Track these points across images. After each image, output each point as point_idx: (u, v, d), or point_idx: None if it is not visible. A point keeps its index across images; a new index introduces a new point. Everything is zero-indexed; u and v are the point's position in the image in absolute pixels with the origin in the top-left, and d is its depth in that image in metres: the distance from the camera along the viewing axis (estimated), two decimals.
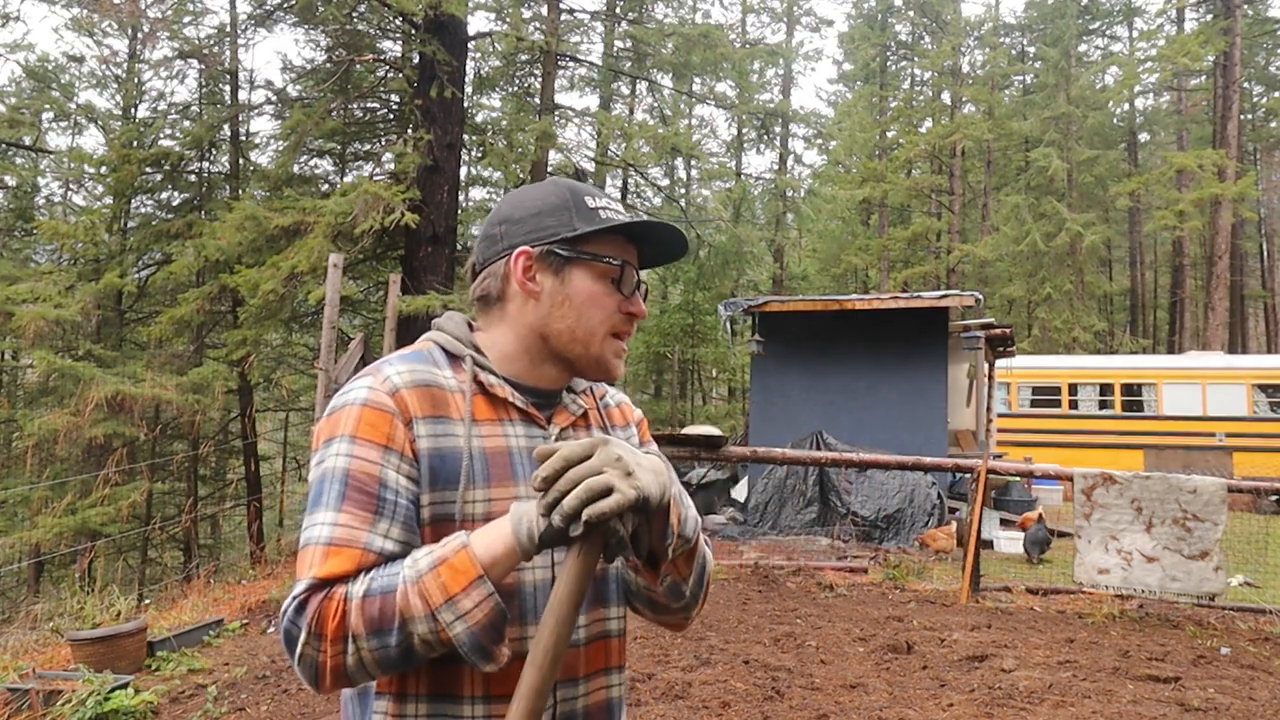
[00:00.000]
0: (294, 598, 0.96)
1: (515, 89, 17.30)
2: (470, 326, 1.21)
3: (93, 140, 35.37)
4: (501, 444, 1.10)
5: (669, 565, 1.08)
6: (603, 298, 1.13)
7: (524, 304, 1.14)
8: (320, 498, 1.01)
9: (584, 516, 0.90)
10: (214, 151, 15.32)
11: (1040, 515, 9.64)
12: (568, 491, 0.91)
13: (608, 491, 0.91)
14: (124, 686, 4.06)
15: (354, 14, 13.25)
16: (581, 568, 0.93)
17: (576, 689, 1.11)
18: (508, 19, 14.13)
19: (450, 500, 1.05)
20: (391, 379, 1.07)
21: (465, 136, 13.68)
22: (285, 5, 13.37)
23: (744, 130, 26.95)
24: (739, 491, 11.76)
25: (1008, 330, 12.44)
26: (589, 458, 0.93)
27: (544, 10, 15.31)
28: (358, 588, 0.95)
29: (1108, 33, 29.05)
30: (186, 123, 14.79)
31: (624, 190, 23.30)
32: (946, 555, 8.74)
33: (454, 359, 1.15)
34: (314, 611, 0.94)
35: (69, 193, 18.22)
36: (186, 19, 14.43)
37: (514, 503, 1.02)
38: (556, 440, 1.14)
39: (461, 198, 17.30)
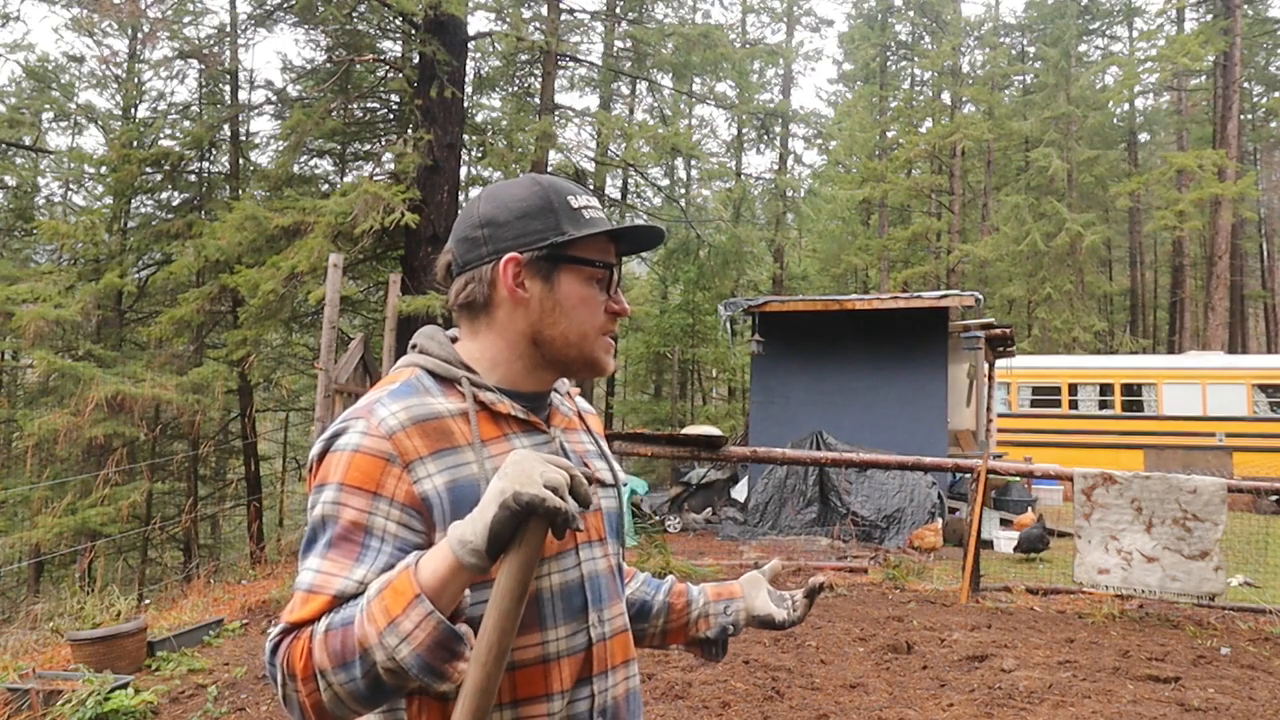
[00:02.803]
0: (270, 641, 0.98)
1: (515, 89, 17.30)
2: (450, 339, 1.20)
3: (93, 140, 35.42)
4: None
5: None
6: (592, 300, 1.14)
7: (513, 310, 1.13)
8: (311, 545, 1.02)
9: (525, 499, 0.88)
10: (214, 151, 15.32)
11: (1040, 516, 9.65)
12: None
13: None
14: (124, 686, 4.05)
15: (354, 14, 13.26)
16: (522, 559, 0.91)
17: (608, 681, 1.14)
18: (508, 19, 14.12)
19: None
20: (386, 421, 1.04)
21: (465, 136, 13.68)
22: (285, 5, 13.37)
23: (744, 130, 26.93)
24: (739, 491, 11.76)
25: (1008, 330, 12.44)
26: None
27: (544, 10, 15.31)
28: (321, 624, 0.96)
29: (1108, 33, 29.05)
30: (186, 123, 14.79)
31: (624, 190, 23.30)
32: (934, 552, 8.77)
33: (444, 382, 1.12)
34: (284, 654, 0.96)
35: (69, 193, 18.22)
36: (186, 19, 14.45)
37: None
38: (549, 442, 1.16)
39: (461, 198, 17.24)
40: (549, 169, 15.36)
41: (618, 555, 1.23)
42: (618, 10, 17.95)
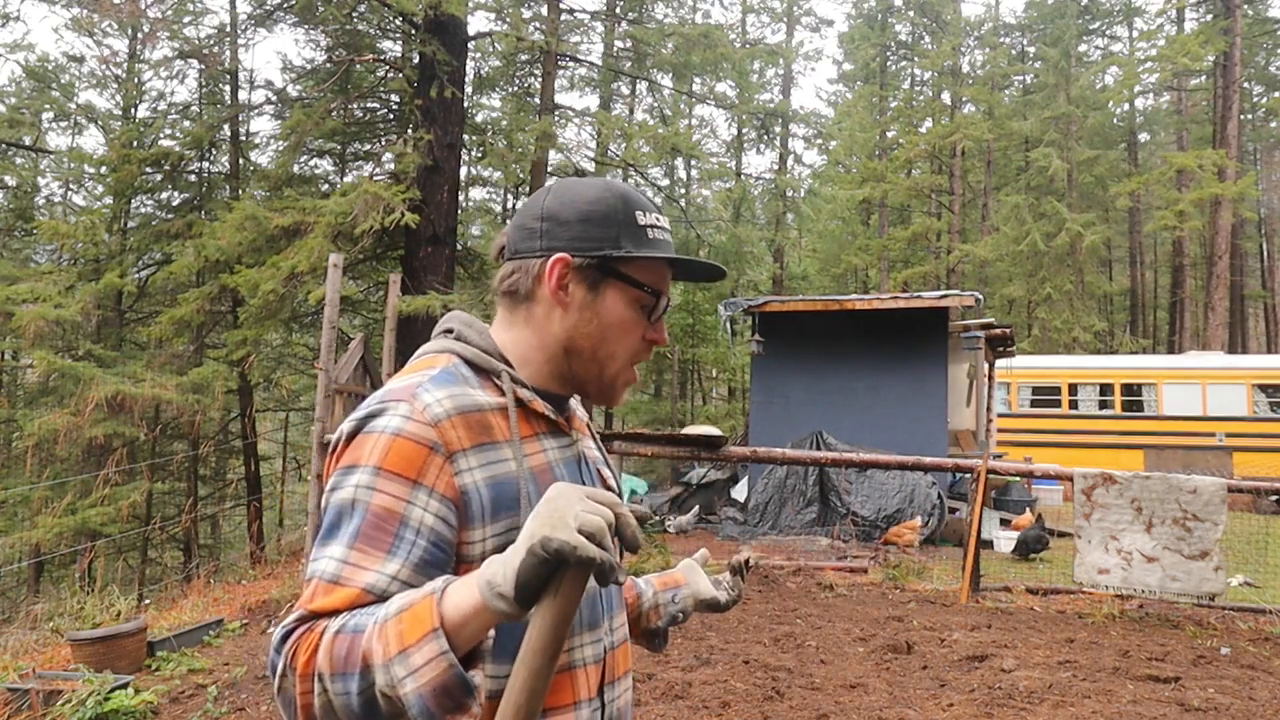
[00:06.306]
0: (283, 627, 0.90)
1: (515, 89, 17.30)
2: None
3: (93, 140, 35.42)
4: (543, 460, 1.07)
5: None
6: (631, 324, 1.10)
7: (550, 310, 1.09)
8: (334, 530, 0.94)
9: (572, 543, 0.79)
10: (214, 151, 15.32)
11: (1039, 516, 9.65)
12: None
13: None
14: (124, 686, 4.06)
15: (354, 14, 13.25)
16: (555, 613, 0.79)
17: (616, 690, 1.13)
18: (508, 19, 14.12)
19: (517, 527, 0.98)
20: (431, 407, 0.99)
21: (465, 136, 13.68)
22: (285, 5, 13.37)
23: (744, 130, 26.94)
24: (739, 491, 11.76)
25: (1008, 330, 12.44)
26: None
27: (544, 10, 15.31)
28: (335, 624, 0.87)
29: (1108, 33, 29.05)
30: (186, 123, 14.79)
31: None
32: (913, 549, 8.93)
33: (482, 373, 1.08)
34: (293, 642, 0.88)
35: (69, 193, 18.23)
36: (186, 19, 14.45)
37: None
38: (572, 446, 1.15)
39: (461, 198, 17.29)
40: (549, 169, 15.36)
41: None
42: (618, 10, 17.94)
